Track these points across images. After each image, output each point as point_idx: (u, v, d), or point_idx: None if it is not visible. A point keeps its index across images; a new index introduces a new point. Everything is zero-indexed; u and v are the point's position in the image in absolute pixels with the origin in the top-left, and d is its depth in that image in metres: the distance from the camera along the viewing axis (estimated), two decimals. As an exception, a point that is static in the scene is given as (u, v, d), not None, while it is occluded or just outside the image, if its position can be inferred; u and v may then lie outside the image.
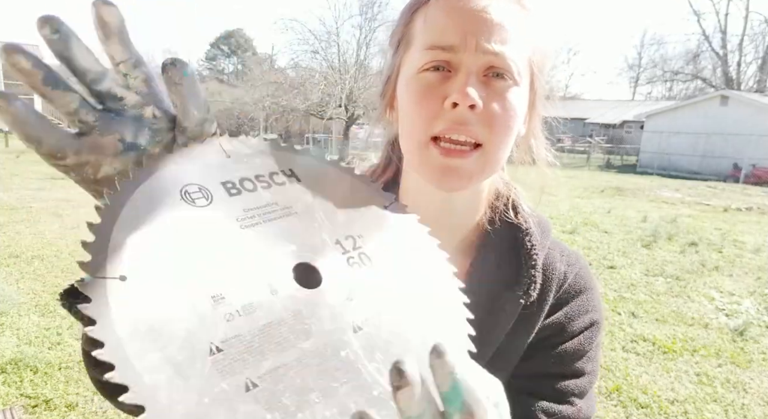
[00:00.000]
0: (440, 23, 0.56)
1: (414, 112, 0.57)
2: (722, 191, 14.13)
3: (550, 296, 0.66)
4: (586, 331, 0.67)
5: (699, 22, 38.13)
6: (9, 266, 4.26)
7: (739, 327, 3.90)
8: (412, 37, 0.60)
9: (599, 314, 0.69)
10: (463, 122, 0.54)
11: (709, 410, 2.80)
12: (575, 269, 0.69)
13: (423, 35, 0.58)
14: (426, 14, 0.58)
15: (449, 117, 0.54)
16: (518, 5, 0.58)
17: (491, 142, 0.56)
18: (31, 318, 3.30)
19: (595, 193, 12.02)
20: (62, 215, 6.19)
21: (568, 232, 7.02)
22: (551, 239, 0.70)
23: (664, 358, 3.39)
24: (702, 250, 6.43)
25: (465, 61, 0.55)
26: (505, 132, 0.57)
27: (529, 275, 0.64)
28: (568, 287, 0.67)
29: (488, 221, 0.68)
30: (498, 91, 0.55)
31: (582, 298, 0.68)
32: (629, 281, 5.02)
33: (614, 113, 33.51)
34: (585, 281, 0.69)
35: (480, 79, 0.55)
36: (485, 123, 0.55)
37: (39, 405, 2.40)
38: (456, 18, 0.55)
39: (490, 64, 0.55)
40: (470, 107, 0.53)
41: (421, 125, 0.56)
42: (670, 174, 19.93)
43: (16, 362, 2.73)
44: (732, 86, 33.15)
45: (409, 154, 0.61)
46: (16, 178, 8.78)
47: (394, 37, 0.65)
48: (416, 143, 0.57)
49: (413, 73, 0.58)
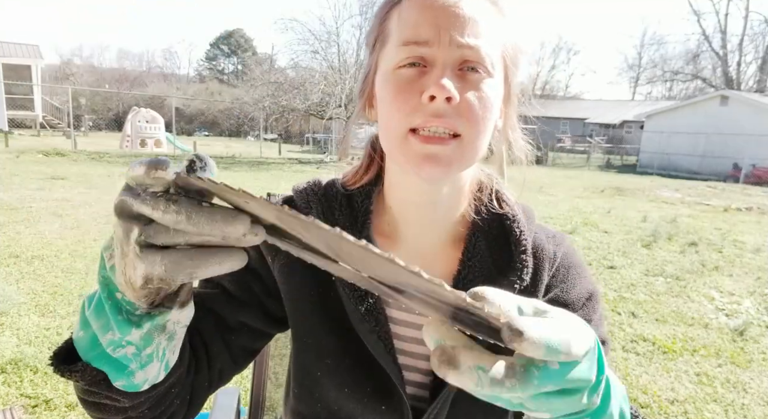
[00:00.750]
0: (414, 19, 0.57)
1: (392, 106, 0.58)
2: (722, 191, 14.13)
3: (544, 276, 0.68)
4: (587, 302, 0.69)
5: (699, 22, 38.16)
6: (9, 266, 4.26)
7: (739, 327, 3.90)
8: (387, 35, 0.61)
9: (593, 285, 0.72)
10: (441, 115, 0.55)
11: (709, 410, 2.80)
12: (563, 248, 0.72)
13: (398, 32, 0.59)
14: (400, 12, 0.60)
15: (427, 110, 0.56)
16: (489, 2, 0.60)
17: (469, 132, 0.57)
18: (31, 318, 3.30)
19: (595, 193, 12.02)
20: (62, 215, 6.19)
21: (568, 232, 7.02)
22: (536, 224, 0.73)
23: (664, 358, 3.39)
24: (702, 250, 6.43)
25: (440, 56, 0.56)
26: (481, 122, 0.58)
27: (521, 260, 0.66)
28: (559, 265, 0.70)
29: (474, 212, 0.70)
30: (473, 83, 0.57)
31: (573, 272, 0.70)
32: (629, 281, 5.02)
33: (614, 113, 33.51)
34: (572, 258, 0.72)
35: (455, 73, 0.57)
36: (462, 114, 0.56)
37: (39, 405, 2.40)
38: (429, 14, 0.57)
39: (464, 58, 0.56)
40: (447, 100, 0.54)
41: (400, 118, 0.57)
42: (670, 174, 19.94)
43: (16, 362, 2.73)
44: (732, 86, 33.13)
45: (390, 147, 0.62)
46: (16, 178, 8.78)
47: (371, 36, 0.66)
48: (395, 135, 0.58)
49: (390, 69, 0.59)
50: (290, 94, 18.25)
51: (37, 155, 12.36)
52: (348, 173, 0.75)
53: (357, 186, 0.71)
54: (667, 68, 44.28)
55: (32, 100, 21.28)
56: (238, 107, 30.18)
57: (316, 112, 18.27)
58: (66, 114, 21.12)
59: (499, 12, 0.61)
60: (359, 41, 17.84)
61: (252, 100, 21.02)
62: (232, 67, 53.13)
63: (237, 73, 48.87)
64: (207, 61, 54.09)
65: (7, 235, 5.16)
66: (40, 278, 4.01)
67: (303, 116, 23.07)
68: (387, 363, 0.65)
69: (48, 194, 7.48)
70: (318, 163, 16.67)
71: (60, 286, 3.87)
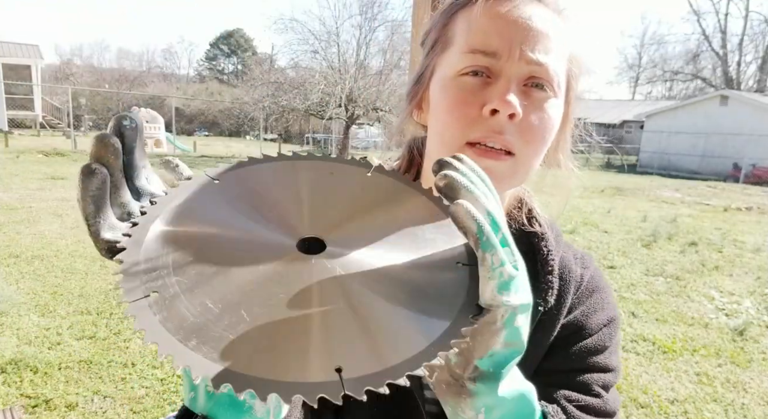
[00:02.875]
0: (484, 27, 0.54)
1: (450, 116, 0.55)
2: (722, 191, 14.13)
3: (568, 298, 0.65)
4: (605, 328, 0.67)
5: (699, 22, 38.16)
6: (9, 266, 4.26)
7: (739, 327, 3.90)
8: (450, 38, 0.58)
9: (615, 311, 0.69)
10: (501, 131, 0.53)
11: (709, 410, 2.80)
12: (590, 271, 0.70)
13: (464, 38, 0.56)
14: (469, 17, 0.56)
15: (487, 125, 0.53)
16: (559, 16, 0.57)
17: (525, 153, 0.55)
18: (31, 318, 3.29)
19: (595, 193, 12.02)
20: (62, 215, 6.19)
21: (568, 232, 7.02)
22: (563, 243, 0.70)
23: (664, 358, 3.39)
24: (702, 250, 6.43)
25: (507, 69, 0.53)
26: (539, 145, 0.56)
27: (547, 281, 0.64)
28: (584, 288, 0.68)
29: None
30: (537, 102, 0.54)
31: (596, 297, 0.68)
32: (629, 281, 5.02)
33: (614, 113, 33.51)
34: (597, 282, 0.70)
35: (520, 88, 0.54)
36: (521, 134, 0.54)
37: (39, 405, 2.40)
38: (501, 24, 0.54)
39: (531, 74, 0.54)
40: (510, 116, 0.52)
41: (457, 129, 0.55)
42: (670, 174, 19.95)
43: (16, 362, 2.73)
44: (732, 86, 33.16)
45: (441, 156, 0.59)
46: (16, 178, 8.78)
47: (429, 37, 0.62)
48: (450, 147, 0.55)
49: (451, 75, 0.56)
50: (290, 94, 18.23)
51: (37, 155, 12.36)
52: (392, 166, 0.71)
53: None
54: (667, 68, 44.30)
55: (32, 100, 21.27)
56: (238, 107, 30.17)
57: (316, 112, 18.25)
58: (66, 114, 21.12)
59: (565, 23, 0.58)
60: (359, 41, 17.84)
61: (252, 101, 21.01)
62: (232, 67, 53.14)
63: (237, 73, 48.87)
64: (207, 61, 54.09)
65: (7, 235, 5.16)
66: (40, 278, 4.01)
67: (303, 116, 23.07)
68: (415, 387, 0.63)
69: (48, 194, 7.47)
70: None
71: (60, 286, 3.87)
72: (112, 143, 0.37)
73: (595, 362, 0.64)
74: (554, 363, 0.64)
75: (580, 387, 0.62)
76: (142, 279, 0.33)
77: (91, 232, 0.36)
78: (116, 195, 0.38)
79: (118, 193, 0.38)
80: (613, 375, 0.65)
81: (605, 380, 0.64)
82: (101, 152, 0.36)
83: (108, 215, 0.37)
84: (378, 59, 17.79)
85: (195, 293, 0.33)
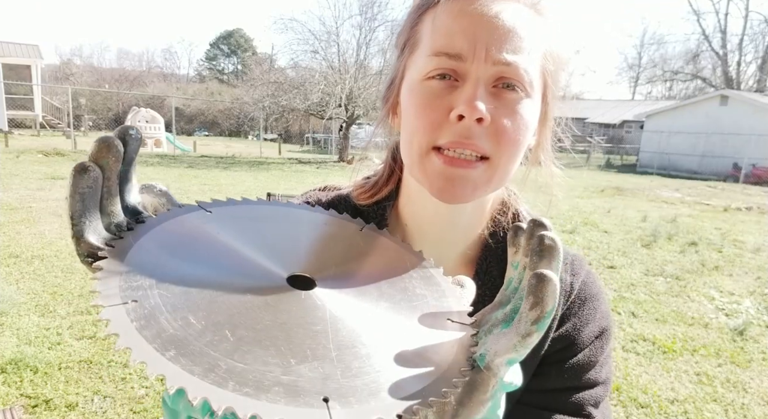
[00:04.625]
0: (448, 28, 0.52)
1: (417, 121, 0.53)
2: (722, 191, 14.13)
3: (557, 308, 0.63)
4: (596, 340, 0.65)
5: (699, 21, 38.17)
6: (9, 266, 4.26)
7: (739, 327, 3.90)
8: (418, 40, 0.56)
9: (608, 320, 0.67)
10: (469, 136, 0.51)
11: (709, 410, 2.80)
12: (579, 278, 0.66)
13: (429, 40, 0.54)
14: (434, 17, 0.54)
15: (454, 130, 0.51)
16: (533, 10, 0.54)
17: (499, 156, 0.53)
18: (31, 318, 3.29)
19: (595, 193, 12.02)
20: (62, 215, 6.19)
21: (568, 232, 7.02)
22: None
23: (664, 358, 3.39)
24: (702, 250, 6.43)
25: (473, 71, 0.51)
26: (514, 147, 0.53)
27: None
28: (574, 297, 0.65)
29: (490, 235, 0.65)
30: (508, 104, 0.52)
31: (589, 306, 0.66)
32: (629, 281, 5.02)
33: (614, 112, 33.51)
34: (591, 289, 0.67)
35: (489, 90, 0.51)
36: (493, 137, 0.51)
37: (39, 405, 2.40)
38: (465, 23, 0.51)
39: (500, 74, 0.51)
40: (477, 121, 0.50)
41: (424, 135, 0.53)
42: (670, 174, 19.95)
43: (16, 362, 2.73)
44: (732, 86, 33.15)
45: (410, 163, 0.57)
46: (16, 178, 8.78)
47: (400, 38, 0.60)
48: (417, 152, 0.54)
49: (418, 79, 0.54)
50: (290, 94, 18.22)
51: (37, 155, 12.35)
52: (362, 185, 0.69)
53: (373, 201, 0.66)
54: (667, 68, 44.29)
55: (32, 100, 21.27)
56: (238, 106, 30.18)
57: (316, 112, 18.25)
58: (66, 114, 21.12)
59: (540, 18, 0.55)
60: (359, 41, 17.84)
61: (252, 100, 21.00)
62: (232, 67, 53.12)
63: (237, 73, 48.86)
64: (207, 61, 54.08)
65: (7, 235, 5.16)
66: (40, 278, 4.01)
67: (303, 116, 23.07)
68: None
69: (48, 194, 7.47)
70: (318, 163, 16.67)
71: (60, 286, 3.87)
72: (115, 145, 0.36)
73: (587, 378, 0.63)
74: (546, 381, 0.63)
75: (573, 410, 0.61)
76: (121, 287, 0.32)
77: (74, 232, 0.34)
78: (107, 203, 0.37)
79: (110, 200, 0.37)
80: (603, 388, 0.64)
81: (597, 396, 0.63)
82: (102, 153, 0.36)
83: (95, 219, 0.35)
84: (378, 59, 17.79)
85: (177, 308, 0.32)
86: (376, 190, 0.67)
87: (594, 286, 0.67)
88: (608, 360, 0.66)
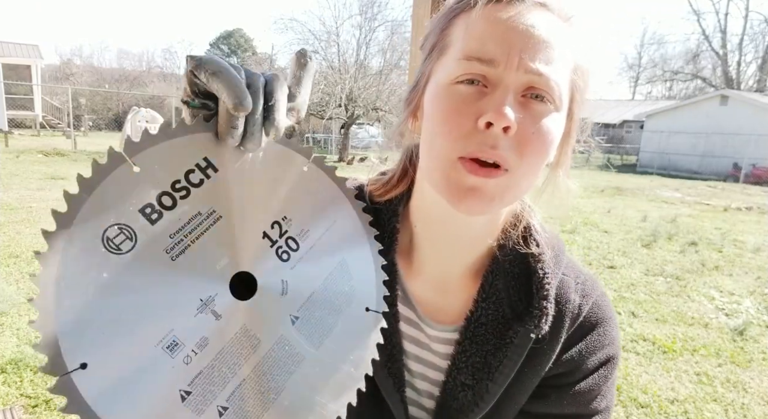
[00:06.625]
0: (481, 32, 0.51)
1: (442, 127, 0.52)
2: (722, 191, 14.13)
3: (563, 331, 0.61)
4: (601, 368, 0.63)
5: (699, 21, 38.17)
6: (9, 266, 4.26)
7: (739, 327, 3.90)
8: (448, 43, 0.55)
9: (615, 347, 0.65)
10: (495, 146, 0.49)
11: (709, 410, 2.80)
12: (590, 300, 0.64)
13: (461, 44, 0.52)
14: (468, 21, 0.53)
15: (480, 138, 0.49)
16: (565, 22, 0.53)
17: (519, 169, 0.51)
18: (31, 318, 3.29)
19: (595, 193, 12.01)
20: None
21: (568, 232, 7.02)
22: (565, 262, 0.65)
23: (664, 358, 3.39)
24: (702, 250, 6.43)
25: (504, 78, 0.50)
26: (536, 161, 0.52)
27: (541, 307, 0.59)
28: (583, 320, 0.63)
29: (499, 247, 0.63)
30: (536, 115, 0.50)
31: (597, 332, 0.63)
32: (629, 281, 5.02)
33: (614, 112, 33.50)
34: (600, 313, 0.64)
35: (518, 99, 0.50)
36: (517, 149, 0.50)
37: (39, 405, 2.41)
38: (501, 29, 0.50)
39: (530, 84, 0.50)
40: (504, 129, 0.48)
41: (449, 143, 0.51)
42: (670, 174, 19.94)
43: (16, 362, 2.73)
44: (732, 86, 33.15)
45: (429, 168, 0.55)
46: (16, 178, 8.77)
47: (428, 41, 0.59)
48: (441, 161, 0.52)
49: (445, 83, 0.53)
50: (290, 94, 18.20)
51: (37, 155, 12.35)
52: (377, 180, 0.68)
53: (385, 199, 0.65)
54: (667, 68, 44.30)
55: (32, 100, 21.26)
56: (238, 106, 30.03)
57: (316, 112, 18.25)
58: (66, 114, 21.11)
59: (572, 31, 0.54)
60: (359, 41, 17.84)
61: (252, 100, 20.95)
62: (232, 67, 53.00)
63: (237, 73, 48.71)
64: (207, 61, 53.96)
65: (7, 235, 5.16)
66: (40, 278, 4.01)
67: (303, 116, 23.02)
68: (394, 400, 0.63)
69: (48, 194, 7.47)
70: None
71: (60, 286, 3.87)
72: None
73: (586, 407, 0.62)
74: (544, 404, 0.62)
75: None
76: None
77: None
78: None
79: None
80: (603, 416, 0.63)
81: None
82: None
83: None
84: (378, 59, 17.79)
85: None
86: (389, 188, 0.66)
87: (604, 310, 0.65)
88: (611, 388, 0.64)
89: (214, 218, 0.41)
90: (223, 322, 0.39)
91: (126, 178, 0.38)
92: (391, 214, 0.64)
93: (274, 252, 0.44)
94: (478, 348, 0.62)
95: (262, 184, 0.44)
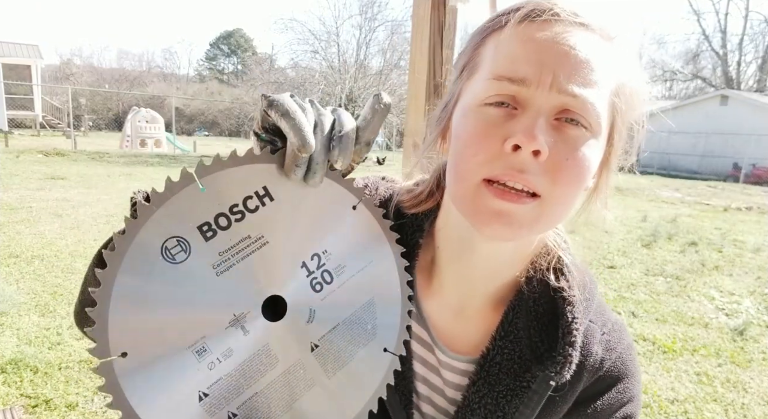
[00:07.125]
0: (513, 51, 0.48)
1: (468, 149, 0.49)
2: (722, 191, 14.13)
3: (580, 384, 0.58)
4: None
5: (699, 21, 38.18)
6: (9, 266, 4.26)
7: (739, 327, 3.90)
8: (478, 63, 0.52)
9: (635, 405, 0.62)
10: (523, 170, 0.46)
11: (709, 409, 2.80)
12: (614, 355, 0.60)
13: (491, 63, 0.50)
14: (498, 40, 0.50)
15: (508, 162, 0.47)
16: (608, 42, 0.50)
17: (552, 195, 0.48)
18: (31, 318, 3.29)
19: (595, 193, 12.00)
20: (62, 215, 6.19)
21: (568, 232, 7.01)
22: (594, 307, 0.61)
23: (664, 358, 3.39)
24: (702, 250, 6.43)
25: (536, 99, 0.47)
26: (570, 188, 0.48)
27: (566, 353, 0.55)
28: (603, 374, 0.60)
29: (526, 280, 0.60)
30: (570, 140, 0.47)
31: (617, 389, 0.60)
32: (629, 281, 5.02)
33: (614, 112, 33.48)
34: (623, 369, 0.61)
35: (550, 122, 0.47)
36: (548, 175, 0.47)
37: (39, 405, 2.40)
38: (533, 48, 0.47)
39: (565, 106, 0.47)
40: (534, 153, 0.45)
41: (474, 164, 0.48)
42: (670, 174, 19.94)
43: (16, 362, 2.73)
44: (732, 86, 33.16)
45: (455, 191, 0.53)
46: (16, 178, 8.77)
47: (460, 60, 0.57)
48: (466, 184, 0.50)
49: (473, 104, 0.50)
50: (290, 94, 18.23)
51: (37, 155, 12.35)
52: (406, 191, 0.65)
53: (412, 211, 0.63)
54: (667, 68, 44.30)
55: (32, 100, 21.26)
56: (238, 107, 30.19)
57: (316, 112, 18.26)
58: (66, 114, 21.12)
59: (614, 50, 0.50)
60: (359, 41, 17.85)
61: (252, 100, 21.03)
62: (232, 67, 53.11)
63: (237, 73, 48.85)
64: (207, 61, 54.07)
65: (7, 235, 5.16)
66: (40, 278, 4.01)
67: (303, 116, 23.01)
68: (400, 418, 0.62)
69: (48, 194, 7.47)
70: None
71: (60, 286, 3.87)
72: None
73: None
74: None
75: None
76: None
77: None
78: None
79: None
80: None
81: None
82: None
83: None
84: (378, 59, 17.82)
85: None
86: (417, 202, 0.63)
87: (628, 365, 0.62)
88: None
89: (261, 243, 0.45)
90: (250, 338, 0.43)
91: (192, 196, 0.42)
92: (416, 228, 0.62)
93: (309, 282, 0.47)
94: (490, 389, 0.58)
95: (311, 217, 0.47)
